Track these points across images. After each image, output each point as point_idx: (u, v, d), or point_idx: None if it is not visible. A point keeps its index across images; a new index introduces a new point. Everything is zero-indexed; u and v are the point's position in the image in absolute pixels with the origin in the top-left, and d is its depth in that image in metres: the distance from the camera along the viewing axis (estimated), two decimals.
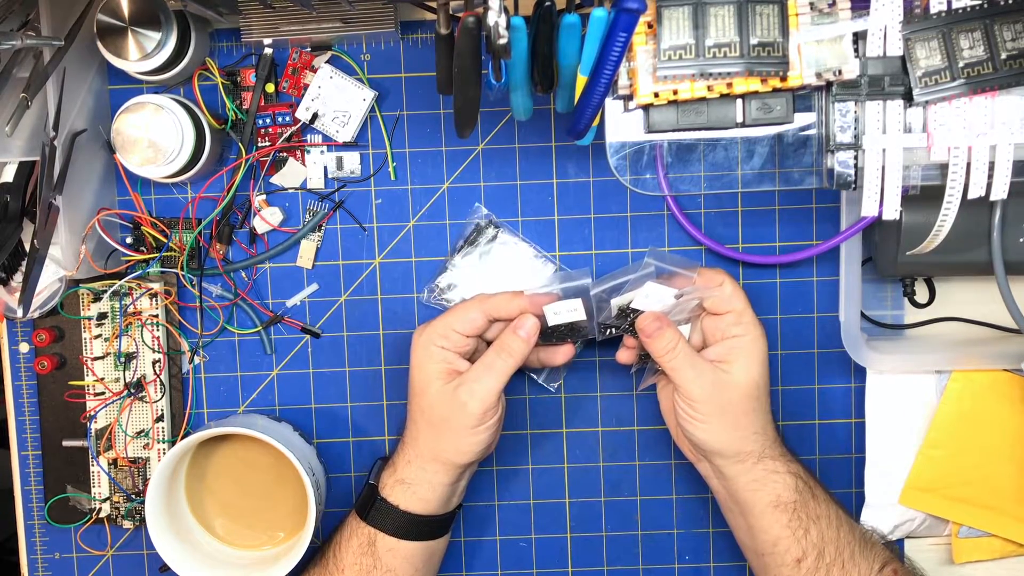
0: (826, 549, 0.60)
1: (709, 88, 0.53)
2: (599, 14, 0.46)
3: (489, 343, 0.65)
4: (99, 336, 0.69)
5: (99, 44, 0.62)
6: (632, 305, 0.62)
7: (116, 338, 0.69)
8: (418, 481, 0.62)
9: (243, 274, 0.71)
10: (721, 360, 0.60)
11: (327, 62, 0.68)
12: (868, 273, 0.69)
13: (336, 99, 0.68)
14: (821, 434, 0.72)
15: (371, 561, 0.63)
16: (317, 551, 0.67)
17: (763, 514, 0.61)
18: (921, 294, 0.70)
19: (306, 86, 0.68)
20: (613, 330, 0.63)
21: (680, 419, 0.61)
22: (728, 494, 0.63)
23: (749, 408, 0.60)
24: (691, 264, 0.62)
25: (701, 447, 0.62)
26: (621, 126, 0.56)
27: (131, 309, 0.69)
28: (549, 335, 0.64)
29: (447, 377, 0.61)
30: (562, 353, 0.65)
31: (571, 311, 0.62)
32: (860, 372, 0.70)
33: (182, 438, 0.67)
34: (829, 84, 0.53)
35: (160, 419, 0.69)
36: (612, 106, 0.56)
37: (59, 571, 0.73)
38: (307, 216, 0.70)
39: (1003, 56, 0.51)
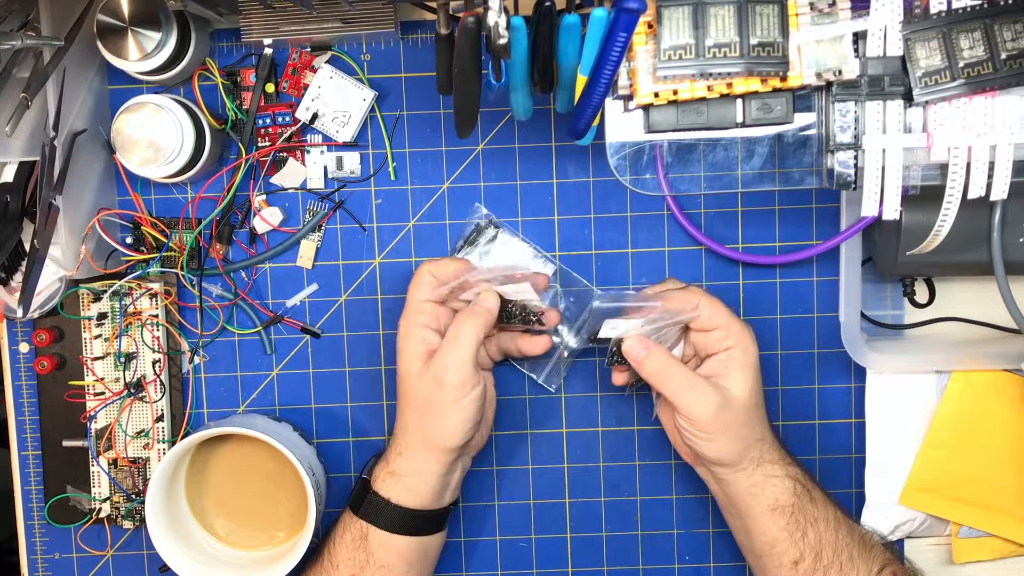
0: (824, 551, 0.60)
1: (709, 88, 0.53)
2: (599, 14, 0.46)
3: None
4: (99, 336, 0.69)
5: (99, 44, 0.62)
6: (600, 335, 0.62)
7: (116, 338, 0.69)
8: (409, 472, 0.62)
9: (243, 274, 0.71)
10: (717, 375, 0.60)
11: (327, 62, 0.68)
12: (868, 273, 0.69)
13: (336, 99, 0.68)
14: (821, 434, 0.72)
15: (364, 556, 0.63)
16: (315, 549, 0.67)
17: (761, 517, 0.61)
18: (921, 294, 0.70)
19: (306, 86, 0.68)
20: (610, 358, 0.63)
21: (684, 438, 0.61)
22: (726, 497, 0.63)
23: (749, 418, 0.60)
24: (644, 296, 0.62)
25: (704, 459, 0.62)
26: (621, 126, 0.56)
27: (131, 309, 0.69)
28: (511, 317, 0.64)
29: (425, 358, 0.61)
30: (539, 344, 0.65)
31: (518, 292, 0.62)
32: (860, 372, 0.70)
33: (182, 438, 0.67)
34: (829, 84, 0.53)
35: (160, 419, 0.69)
36: (612, 106, 0.56)
37: (59, 571, 0.73)
38: (307, 216, 0.70)
39: (1003, 56, 0.51)
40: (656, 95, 0.53)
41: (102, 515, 0.71)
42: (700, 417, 0.59)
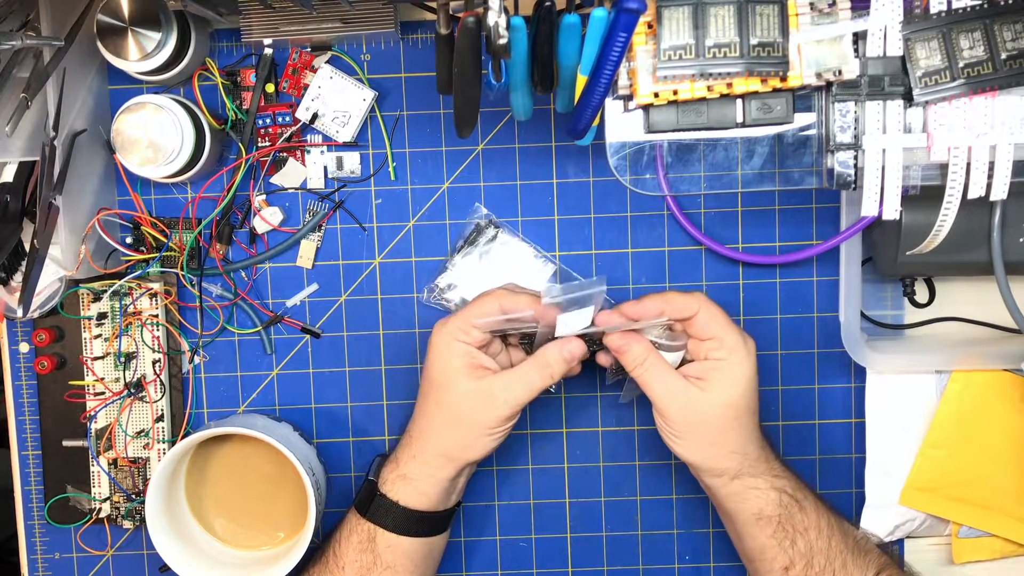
0: (815, 559, 0.60)
1: (709, 88, 0.53)
2: (599, 14, 0.46)
3: (504, 339, 0.65)
4: (99, 336, 0.69)
5: (99, 44, 0.62)
6: (556, 334, 0.62)
7: (116, 338, 0.69)
8: (420, 476, 0.62)
9: (243, 274, 0.71)
10: (699, 378, 0.59)
11: (327, 62, 0.68)
12: (868, 273, 0.69)
13: (336, 99, 0.68)
14: (821, 434, 0.72)
15: (371, 558, 0.63)
16: (317, 549, 0.67)
17: (747, 524, 0.61)
18: (921, 294, 0.70)
19: (306, 86, 0.68)
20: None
21: (659, 430, 0.61)
22: (714, 500, 0.63)
23: (725, 428, 0.59)
24: (591, 283, 0.62)
25: (679, 457, 0.62)
26: (621, 126, 0.56)
27: (131, 309, 0.69)
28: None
29: (472, 372, 0.60)
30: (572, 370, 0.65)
31: (580, 321, 0.62)
32: (860, 372, 0.70)
33: (182, 438, 0.67)
34: (829, 84, 0.53)
35: (160, 419, 0.69)
36: (612, 106, 0.56)
37: (59, 571, 0.73)
38: (307, 216, 0.70)
39: (1003, 56, 0.51)
40: (656, 95, 0.53)
41: (102, 515, 0.71)
42: (666, 411, 0.59)
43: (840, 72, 0.52)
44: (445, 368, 0.61)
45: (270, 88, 0.69)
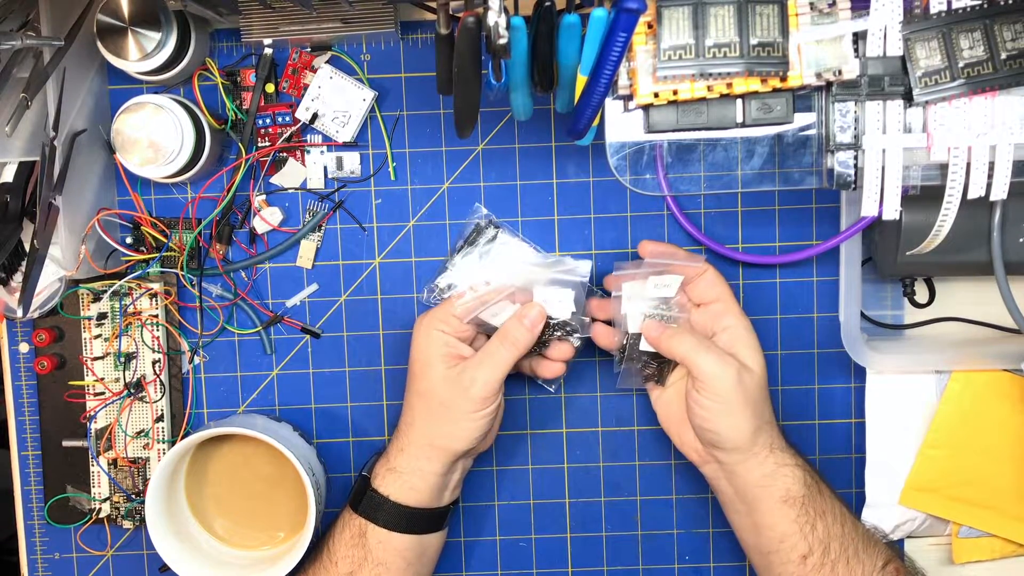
0: (831, 545, 0.60)
1: (709, 88, 0.53)
2: (599, 14, 0.46)
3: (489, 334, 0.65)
4: (99, 336, 0.69)
5: (99, 44, 0.62)
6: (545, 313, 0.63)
7: (116, 338, 0.69)
8: (410, 470, 0.62)
9: (243, 274, 0.71)
10: (729, 351, 0.60)
11: (327, 62, 0.68)
12: (868, 273, 0.69)
13: (336, 99, 0.68)
14: (821, 434, 0.72)
15: (362, 553, 0.63)
16: (315, 546, 0.67)
17: (771, 510, 0.61)
18: (921, 294, 0.70)
19: (306, 86, 0.68)
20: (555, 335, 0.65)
21: (702, 416, 0.60)
22: (736, 493, 0.63)
23: (762, 398, 0.61)
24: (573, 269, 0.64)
25: (719, 444, 0.60)
26: (621, 126, 0.56)
27: (131, 309, 0.69)
28: (543, 334, 0.64)
29: (450, 361, 0.61)
30: (551, 369, 0.65)
31: (559, 302, 0.63)
32: (860, 372, 0.70)
33: (182, 438, 0.67)
34: (829, 84, 0.53)
35: (160, 419, 0.69)
36: (612, 106, 0.56)
37: (59, 571, 0.73)
38: (307, 216, 0.70)
39: (1003, 56, 0.51)
40: (656, 95, 0.53)
41: (102, 515, 0.71)
42: (715, 387, 0.58)
43: (840, 72, 0.53)
44: (424, 357, 0.62)
45: (270, 88, 0.69)
